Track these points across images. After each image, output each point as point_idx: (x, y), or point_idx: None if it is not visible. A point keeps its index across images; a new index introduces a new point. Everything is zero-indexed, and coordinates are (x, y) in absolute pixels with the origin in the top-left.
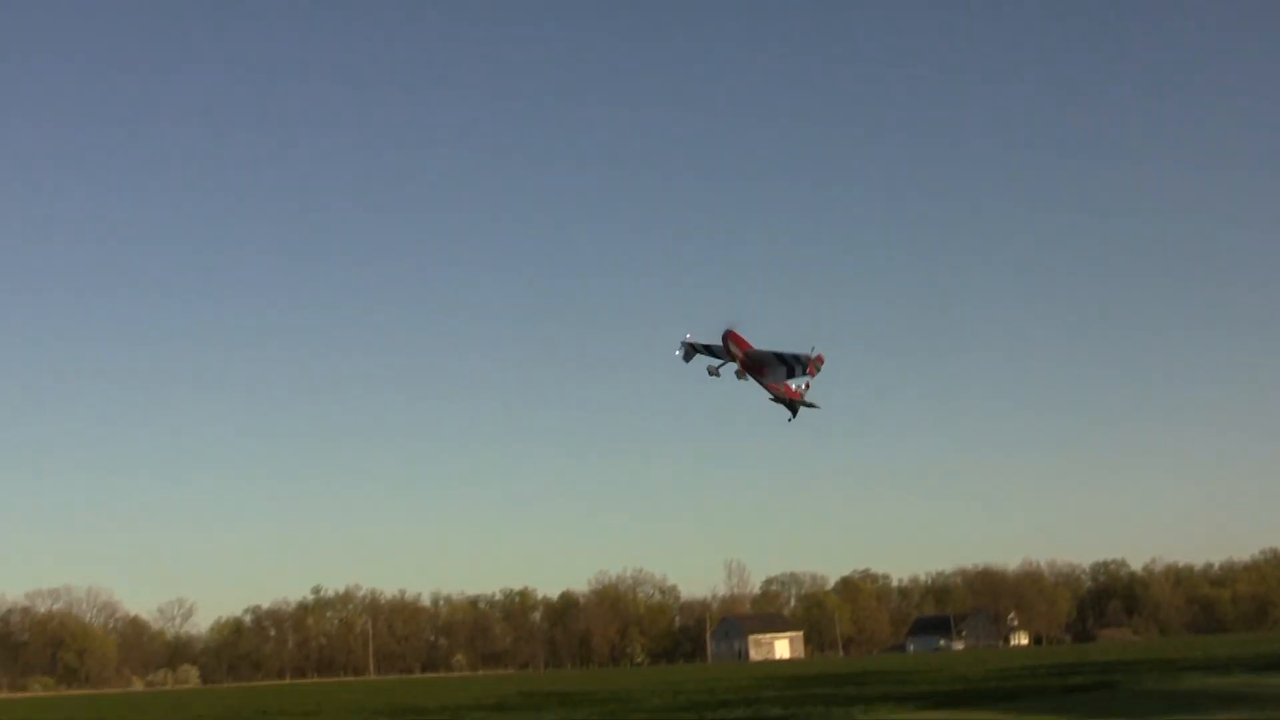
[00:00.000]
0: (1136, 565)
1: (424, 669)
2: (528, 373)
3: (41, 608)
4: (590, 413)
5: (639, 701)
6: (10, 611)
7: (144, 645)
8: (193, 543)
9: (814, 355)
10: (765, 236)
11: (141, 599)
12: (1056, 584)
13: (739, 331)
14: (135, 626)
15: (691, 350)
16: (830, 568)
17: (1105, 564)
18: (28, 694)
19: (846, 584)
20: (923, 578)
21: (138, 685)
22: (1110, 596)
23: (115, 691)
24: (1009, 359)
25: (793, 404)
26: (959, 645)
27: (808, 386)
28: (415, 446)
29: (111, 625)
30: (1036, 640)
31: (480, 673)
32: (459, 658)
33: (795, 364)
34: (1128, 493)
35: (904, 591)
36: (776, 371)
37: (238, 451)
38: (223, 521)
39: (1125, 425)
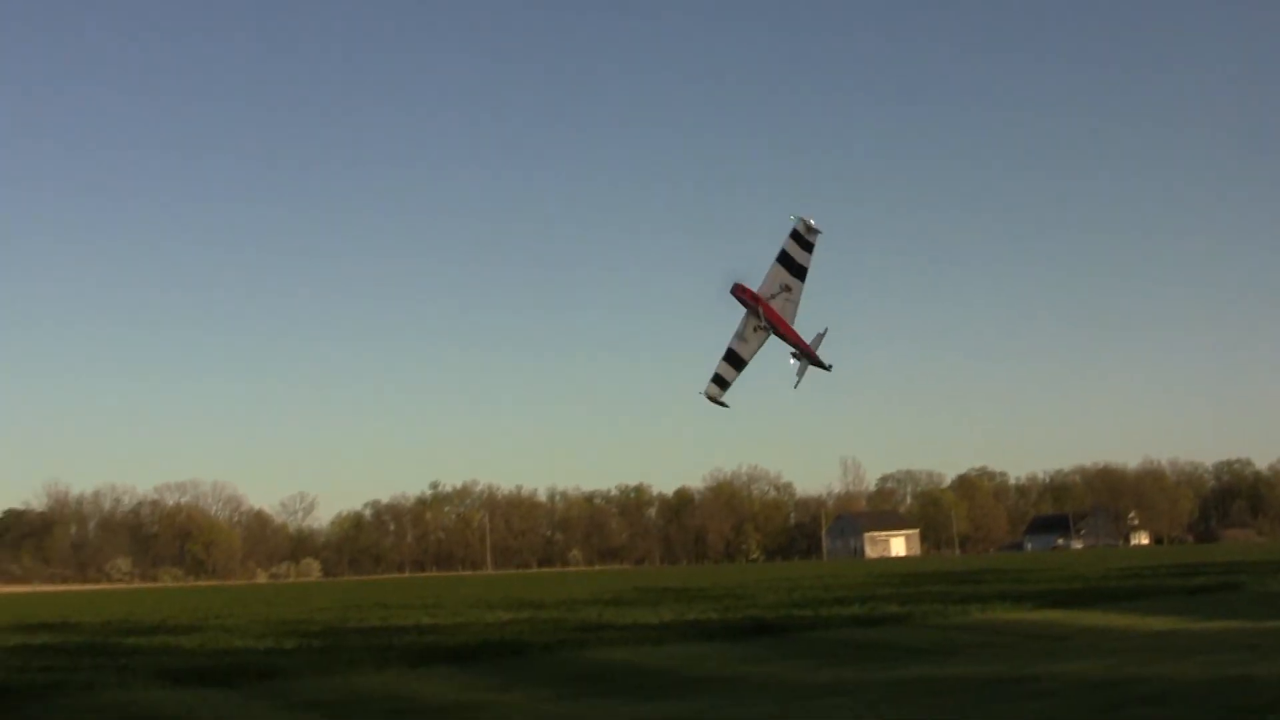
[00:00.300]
0: (1262, 465)
1: (540, 564)
2: (641, 268)
3: (170, 501)
4: (704, 308)
5: (754, 597)
6: (141, 504)
7: (268, 539)
8: (314, 438)
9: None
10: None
11: (265, 493)
12: (1178, 483)
13: (745, 284)
14: (259, 520)
15: (722, 388)
16: (946, 465)
17: (1229, 463)
18: (159, 584)
19: (963, 482)
20: (1041, 476)
21: (262, 577)
22: (1234, 496)
23: (241, 583)
24: (1127, 250)
25: (816, 359)
26: (1077, 544)
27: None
28: (531, 343)
29: (236, 519)
30: (1157, 540)
31: (596, 568)
32: (575, 553)
33: (797, 240)
34: (1252, 390)
35: (1021, 489)
36: (792, 282)
37: (357, 349)
38: (343, 417)
39: (1250, 320)
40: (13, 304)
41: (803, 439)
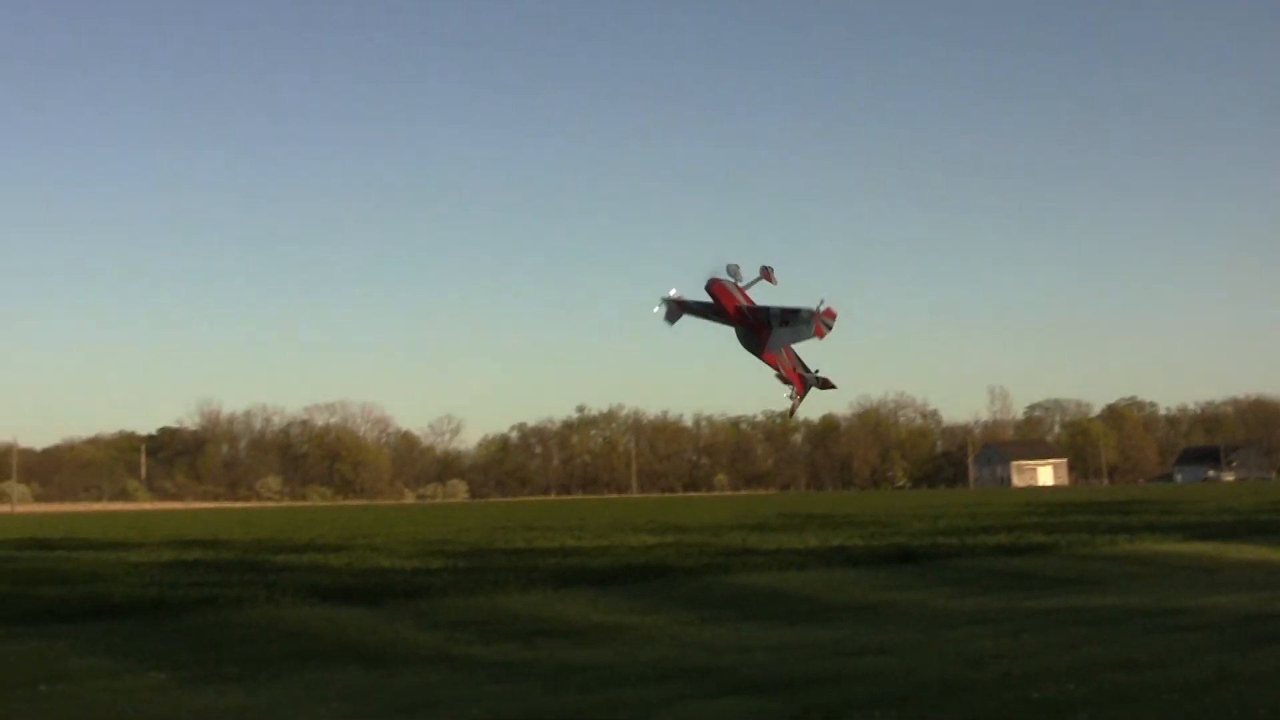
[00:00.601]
0: None
1: (685, 488)
2: (791, 197)
3: (319, 421)
4: (846, 234)
5: (899, 525)
6: (291, 425)
7: (415, 460)
8: (462, 361)
9: (821, 309)
10: None
11: (412, 415)
12: None
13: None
14: (407, 441)
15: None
16: (1095, 395)
17: None
18: (307, 503)
19: (1112, 412)
20: (1192, 407)
21: (409, 498)
22: None
23: (389, 503)
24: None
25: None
26: (1229, 477)
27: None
28: (677, 268)
29: (384, 440)
30: None
31: (741, 493)
32: (720, 478)
33: (794, 319)
34: None
35: (1172, 420)
36: (777, 334)
37: (503, 274)
38: (490, 340)
39: None
40: (165, 230)
41: (950, 367)
